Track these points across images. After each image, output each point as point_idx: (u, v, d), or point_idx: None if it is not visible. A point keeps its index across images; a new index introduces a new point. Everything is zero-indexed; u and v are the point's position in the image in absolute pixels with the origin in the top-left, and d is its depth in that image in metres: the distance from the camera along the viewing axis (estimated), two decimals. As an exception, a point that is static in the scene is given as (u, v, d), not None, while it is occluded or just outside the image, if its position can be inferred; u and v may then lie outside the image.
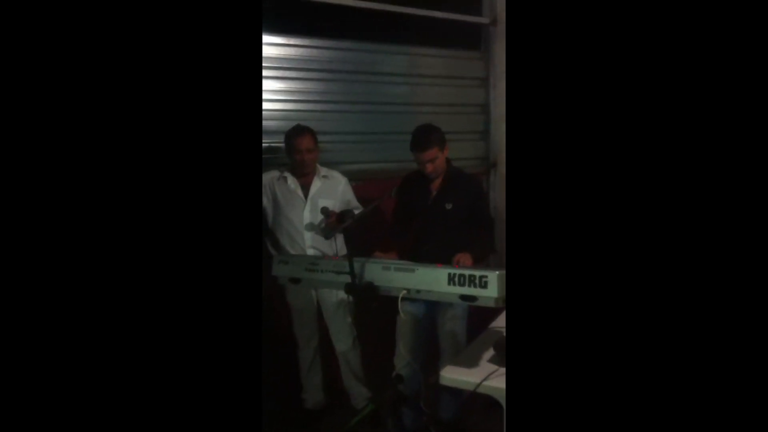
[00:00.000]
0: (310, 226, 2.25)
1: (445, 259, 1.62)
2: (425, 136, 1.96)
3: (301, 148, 2.18)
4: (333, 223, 2.11)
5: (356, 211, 2.08)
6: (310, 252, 2.25)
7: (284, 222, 2.27)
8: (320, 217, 2.19)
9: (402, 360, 2.00)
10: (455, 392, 2.10)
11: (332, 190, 2.31)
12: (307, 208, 2.25)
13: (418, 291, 1.51)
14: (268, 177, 2.30)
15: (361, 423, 2.35)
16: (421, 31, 2.96)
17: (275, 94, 2.57)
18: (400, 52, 2.95)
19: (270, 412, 2.21)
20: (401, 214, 2.18)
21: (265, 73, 2.52)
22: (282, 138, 2.32)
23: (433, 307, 2.06)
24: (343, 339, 2.36)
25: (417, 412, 2.09)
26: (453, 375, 1.52)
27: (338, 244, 2.27)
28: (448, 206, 2.01)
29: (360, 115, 2.82)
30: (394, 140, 2.77)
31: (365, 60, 2.82)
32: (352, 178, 2.45)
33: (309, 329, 2.39)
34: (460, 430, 2.23)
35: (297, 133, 2.21)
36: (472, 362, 1.56)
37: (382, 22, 2.80)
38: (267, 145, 2.52)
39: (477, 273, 1.40)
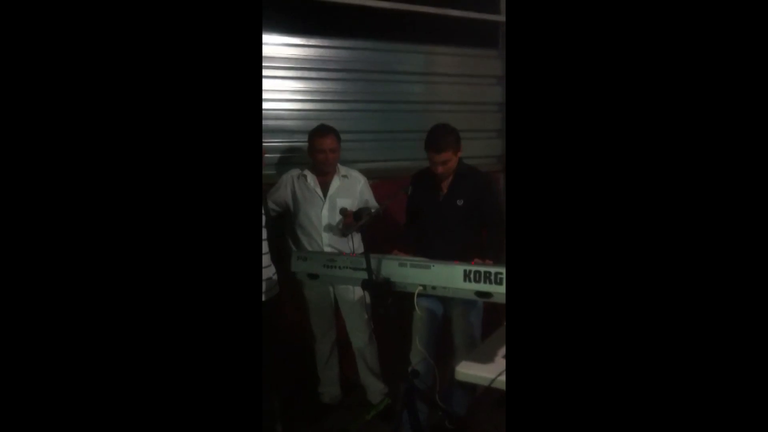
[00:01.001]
0: (329, 227, 2.29)
1: (456, 255, 1.64)
2: (441, 138, 1.96)
3: (324, 148, 2.22)
4: (350, 222, 2.15)
5: (373, 210, 2.11)
6: (327, 250, 2.29)
7: (303, 220, 2.31)
8: (338, 216, 2.23)
9: (417, 355, 2.03)
10: (469, 388, 2.13)
11: (351, 190, 2.34)
12: (326, 207, 2.29)
13: (433, 287, 1.54)
14: (289, 175, 2.35)
15: (376, 417, 2.39)
16: (439, 29, 2.97)
17: (295, 93, 2.62)
18: (418, 51, 2.97)
19: (287, 406, 2.26)
20: (413, 211, 2.20)
21: (284, 73, 2.58)
22: (301, 137, 2.37)
23: (448, 304, 2.08)
24: (359, 335, 2.40)
25: (432, 407, 2.11)
26: (468, 370, 1.55)
27: (355, 242, 2.31)
28: (459, 202, 2.03)
29: (378, 114, 2.85)
30: (411, 139, 2.80)
31: (383, 59, 2.85)
32: (370, 176, 2.48)
33: (326, 324, 2.43)
34: (473, 426, 2.25)
35: (321, 133, 2.24)
36: (487, 358, 1.58)
37: (399, 21, 2.82)
38: (288, 144, 2.57)
39: (492, 270, 1.42)
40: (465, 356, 1.71)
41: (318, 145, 2.23)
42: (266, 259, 2.02)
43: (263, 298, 1.98)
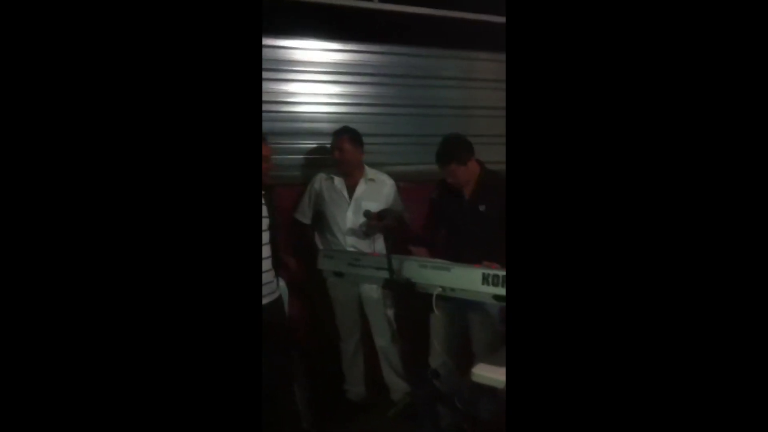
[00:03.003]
0: (351, 231, 2.36)
1: (480, 260, 1.66)
2: (447, 152, 1.99)
3: (337, 146, 2.33)
4: (374, 223, 2.20)
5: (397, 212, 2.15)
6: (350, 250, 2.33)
7: (329, 220, 2.39)
8: (362, 219, 2.28)
9: (437, 357, 2.05)
10: (494, 393, 2.12)
11: (377, 193, 2.39)
12: (351, 210, 2.36)
13: (452, 289, 1.56)
14: (318, 176, 2.43)
15: (398, 415, 2.42)
16: (473, 35, 2.98)
17: (330, 97, 2.70)
18: (452, 57, 2.99)
19: (313, 402, 2.32)
20: (436, 216, 2.21)
21: (321, 77, 2.66)
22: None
23: (468, 307, 2.09)
24: (382, 333, 2.44)
25: (452, 409, 2.12)
26: (484, 372, 1.57)
27: (377, 245, 2.36)
28: (482, 208, 2.04)
29: (410, 117, 2.89)
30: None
31: (417, 64, 2.89)
32: (402, 179, 2.52)
33: (351, 322, 2.48)
34: (495, 431, 2.24)
35: (337, 133, 2.36)
36: (503, 360, 1.59)
37: (433, 26, 2.85)
38: (319, 145, 2.66)
39: (510, 274, 1.43)
40: (484, 359, 1.73)
41: (333, 144, 2.35)
42: (266, 264, 1.96)
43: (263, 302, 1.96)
